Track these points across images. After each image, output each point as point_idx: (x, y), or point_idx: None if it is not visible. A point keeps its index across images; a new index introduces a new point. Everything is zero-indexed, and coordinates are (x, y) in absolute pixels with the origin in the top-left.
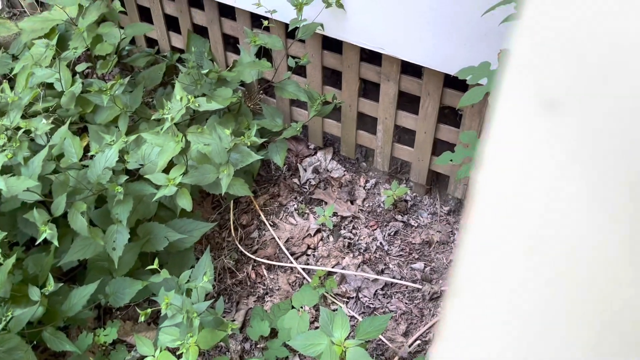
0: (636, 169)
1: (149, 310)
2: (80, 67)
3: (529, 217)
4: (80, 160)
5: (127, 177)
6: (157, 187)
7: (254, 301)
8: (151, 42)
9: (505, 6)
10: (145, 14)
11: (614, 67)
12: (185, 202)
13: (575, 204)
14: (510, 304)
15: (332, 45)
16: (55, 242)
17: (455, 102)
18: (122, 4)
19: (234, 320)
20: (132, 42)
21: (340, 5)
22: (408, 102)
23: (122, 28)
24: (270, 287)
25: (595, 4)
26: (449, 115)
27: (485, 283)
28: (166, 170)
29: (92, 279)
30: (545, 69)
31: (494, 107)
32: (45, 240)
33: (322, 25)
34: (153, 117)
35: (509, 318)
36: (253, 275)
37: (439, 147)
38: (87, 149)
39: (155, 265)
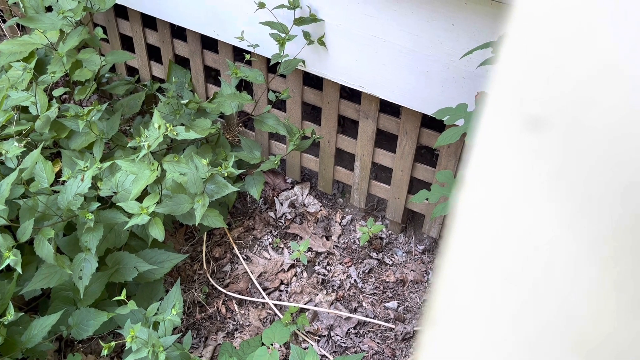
0: (620, 190)
1: (113, 343)
2: (57, 92)
3: (510, 241)
4: (51, 185)
5: (99, 204)
6: (130, 215)
7: (223, 337)
8: (132, 71)
9: (482, 50)
10: (127, 43)
11: (599, 84)
12: (157, 232)
13: (559, 227)
14: (489, 333)
15: (313, 81)
16: (19, 269)
17: (432, 142)
18: (105, 32)
19: (201, 357)
20: (113, 69)
21: (322, 43)
22: (386, 140)
23: (103, 55)
24: (241, 322)
25: (581, 21)
26: (426, 155)
27: (464, 311)
28: (140, 199)
29: (55, 309)
30: (530, 87)
31: (477, 126)
32: (8, 266)
33: (303, 61)
34: (129, 145)
35: (487, 347)
36: (223, 310)
37: (415, 185)
38: (59, 175)
39: (122, 296)
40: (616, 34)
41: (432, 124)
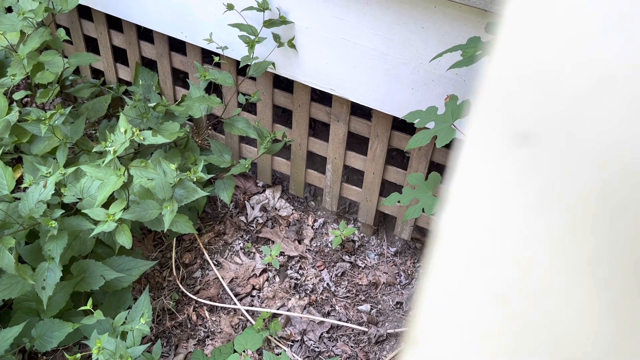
0: (614, 209)
1: (79, 355)
2: (18, 95)
3: (497, 261)
4: (12, 192)
5: (63, 211)
6: (96, 222)
7: (194, 344)
8: (97, 73)
9: (451, 53)
10: (92, 45)
11: (594, 97)
12: (124, 239)
13: (549, 245)
14: (473, 354)
15: (284, 84)
16: None
17: (403, 145)
18: (68, 33)
19: None
20: (77, 72)
21: (292, 46)
22: (357, 143)
23: (67, 57)
24: (212, 329)
25: (572, 35)
26: (397, 157)
27: (448, 331)
28: (106, 205)
29: (18, 320)
30: (520, 98)
31: (463, 138)
32: None
33: (273, 63)
34: (95, 150)
35: None
36: (194, 317)
37: (387, 188)
38: (20, 181)
39: (88, 306)
40: (613, 44)
41: (403, 126)
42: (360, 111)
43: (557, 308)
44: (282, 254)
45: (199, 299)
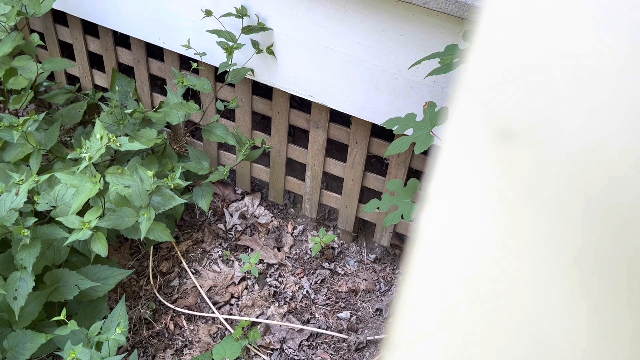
0: (597, 209)
1: None
2: None
3: (477, 262)
4: None
5: (36, 219)
6: (70, 230)
7: (172, 354)
8: (72, 79)
9: (430, 61)
10: (67, 50)
11: (575, 95)
12: (100, 248)
13: (530, 247)
14: (453, 359)
15: (263, 90)
16: None
17: (382, 152)
18: (42, 38)
19: None
20: (51, 78)
21: (271, 52)
22: (336, 150)
23: (41, 62)
24: (190, 339)
25: (557, 30)
26: (376, 164)
27: (428, 335)
28: (81, 213)
29: None
30: (501, 97)
31: (443, 138)
32: None
33: (252, 70)
34: (69, 156)
35: None
36: (171, 327)
37: (366, 194)
38: None
39: (62, 316)
40: (600, 40)
41: (382, 133)
42: (339, 118)
43: (540, 311)
44: (261, 261)
45: (176, 308)
